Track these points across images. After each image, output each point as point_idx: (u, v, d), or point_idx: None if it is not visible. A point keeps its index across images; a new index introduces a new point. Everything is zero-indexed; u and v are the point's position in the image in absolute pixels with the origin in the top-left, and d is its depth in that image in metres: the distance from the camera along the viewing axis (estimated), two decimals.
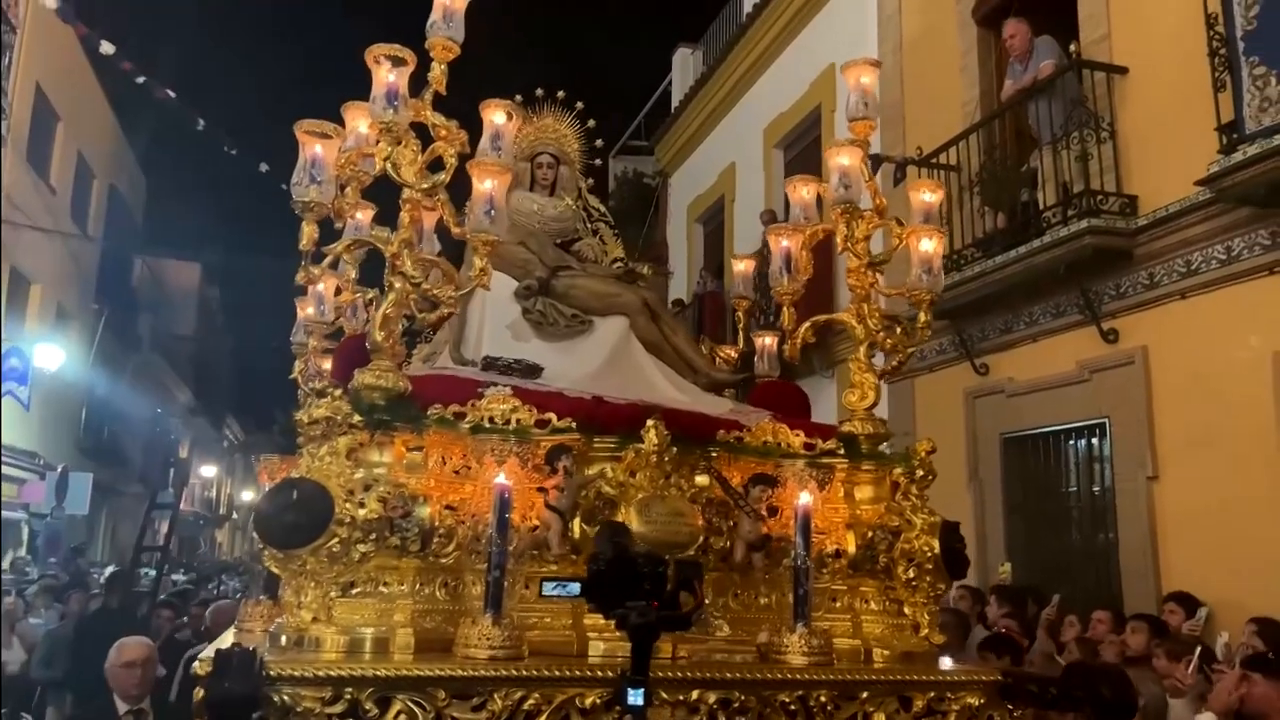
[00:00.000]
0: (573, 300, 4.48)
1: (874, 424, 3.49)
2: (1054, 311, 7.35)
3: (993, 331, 7.94)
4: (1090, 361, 7.02)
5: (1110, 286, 6.87)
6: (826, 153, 3.63)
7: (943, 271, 3.61)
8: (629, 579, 2.45)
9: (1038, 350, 7.55)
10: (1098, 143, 6.78)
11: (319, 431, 2.99)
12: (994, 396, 7.93)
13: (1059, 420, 7.39)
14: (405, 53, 3.16)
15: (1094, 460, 7.21)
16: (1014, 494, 7.79)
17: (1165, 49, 6.49)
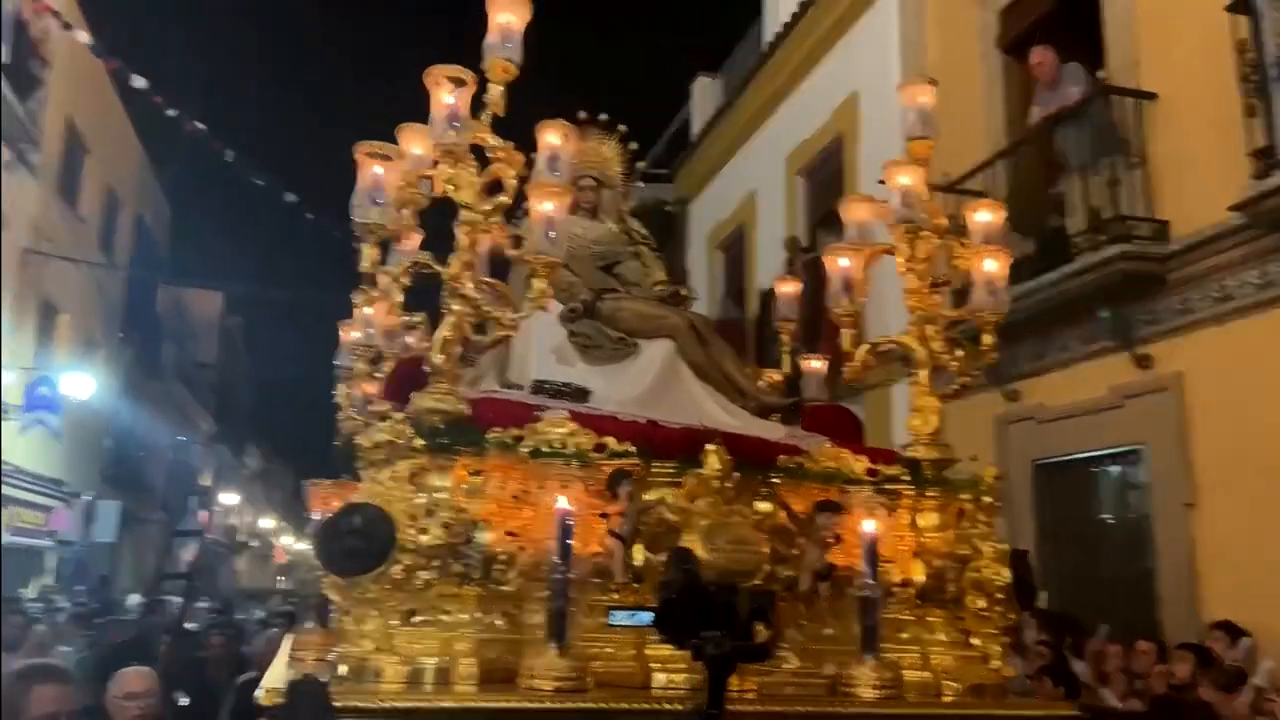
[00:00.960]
0: (619, 323, 4.40)
1: (939, 449, 3.39)
2: (1086, 337, 7.25)
3: (1023, 358, 7.83)
4: (1124, 387, 6.91)
5: (1143, 312, 6.77)
6: (886, 171, 3.55)
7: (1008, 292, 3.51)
8: (702, 609, 2.35)
9: (1070, 376, 7.44)
10: (1127, 168, 6.71)
11: (380, 456, 2.91)
12: (1025, 423, 7.82)
13: (1093, 447, 7.28)
14: (466, 74, 3.11)
15: (1129, 487, 7.08)
16: (1047, 521, 7.65)
17: (1194, 75, 6.43)
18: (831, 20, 11.14)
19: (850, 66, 10.85)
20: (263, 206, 18.04)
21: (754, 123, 13.36)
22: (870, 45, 10.50)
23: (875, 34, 10.41)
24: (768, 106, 12.91)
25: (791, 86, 12.27)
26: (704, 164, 15.16)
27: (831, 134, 11.17)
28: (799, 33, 11.77)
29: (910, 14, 9.78)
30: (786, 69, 12.25)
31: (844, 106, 10.78)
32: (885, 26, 10.18)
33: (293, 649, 3.64)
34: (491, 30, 3.25)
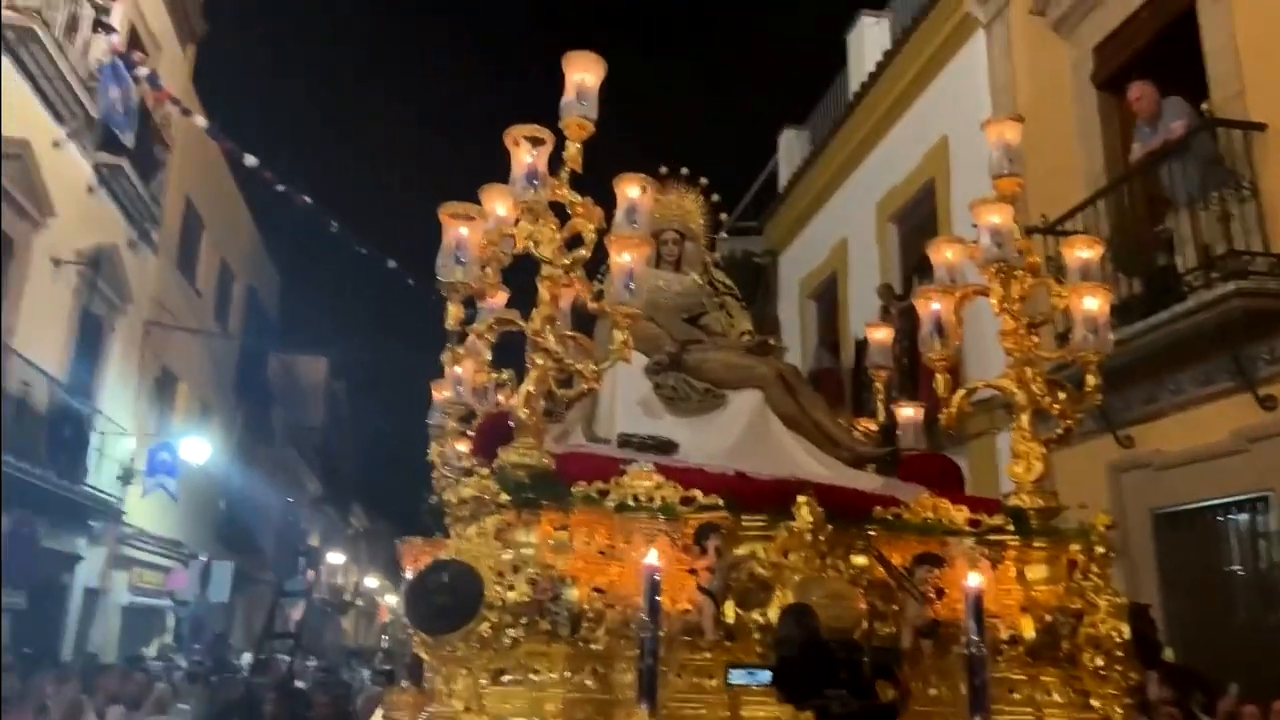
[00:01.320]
0: (705, 374, 4.35)
1: (1044, 497, 3.22)
2: (1203, 378, 6.86)
3: (1135, 401, 7.46)
4: (1247, 430, 6.50)
5: (1264, 350, 6.39)
6: (974, 210, 3.44)
7: (1110, 330, 3.34)
8: (824, 666, 2.24)
9: (1187, 420, 7.04)
10: (1239, 202, 6.40)
11: (467, 512, 2.90)
12: (1142, 470, 7.41)
13: (1216, 494, 6.83)
14: (543, 132, 3.16)
15: (1258, 536, 6.62)
16: (1170, 573, 7.20)
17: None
18: (918, 66, 11.04)
19: (939, 110, 10.71)
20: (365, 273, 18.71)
21: (843, 171, 13.27)
22: (959, 88, 10.35)
23: (964, 77, 10.26)
24: (856, 154, 12.81)
25: (880, 133, 12.17)
26: (792, 215, 15.10)
27: (922, 179, 11.00)
28: (886, 80, 11.70)
29: (999, 55, 9.61)
30: (874, 116, 12.17)
31: (934, 151, 10.61)
32: (974, 69, 10.03)
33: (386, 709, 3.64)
34: (568, 89, 3.30)
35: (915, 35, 10.92)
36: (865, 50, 13.02)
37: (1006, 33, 9.47)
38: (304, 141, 37.25)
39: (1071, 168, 8.25)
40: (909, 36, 11.05)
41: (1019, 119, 3.73)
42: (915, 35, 10.92)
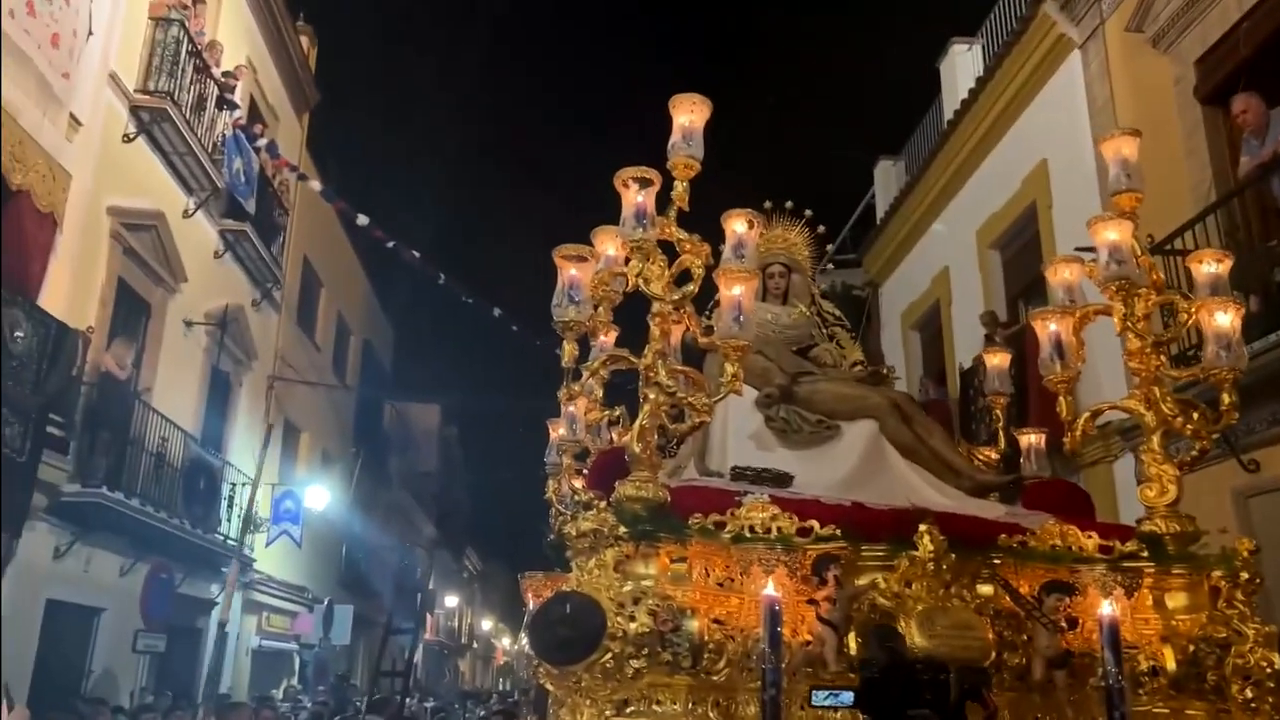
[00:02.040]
0: (816, 405, 4.30)
1: (1180, 521, 3.06)
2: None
3: (1259, 424, 7.05)
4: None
5: None
6: (1090, 228, 3.34)
7: (1244, 346, 3.18)
8: (908, 687, 2.18)
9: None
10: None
11: (586, 545, 2.93)
12: (1270, 495, 6.99)
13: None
14: (651, 173, 3.21)
15: None
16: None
17: None
18: (1013, 90, 10.81)
19: (1037, 133, 10.45)
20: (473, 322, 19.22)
21: (941, 200, 13.05)
22: (1057, 110, 10.10)
23: (1061, 98, 10.01)
24: (954, 182, 12.59)
25: (977, 160, 11.94)
26: (891, 245, 14.90)
27: (1023, 204, 10.72)
28: (980, 106, 11.49)
29: (1097, 74, 9.35)
30: (970, 143, 11.95)
31: (1034, 175, 10.34)
32: (1071, 90, 9.77)
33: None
34: (675, 130, 3.36)
35: (1008, 60, 10.72)
36: (958, 78, 12.85)
37: (1103, 51, 9.21)
38: (412, 198, 38.64)
39: (1179, 186, 7.94)
40: (1001, 62, 10.85)
41: (1135, 133, 3.63)
42: (1008, 60, 10.72)
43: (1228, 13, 7.51)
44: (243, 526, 13.00)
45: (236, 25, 13.83)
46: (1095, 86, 9.36)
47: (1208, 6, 7.69)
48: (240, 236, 13.47)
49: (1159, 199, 8.08)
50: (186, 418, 12.33)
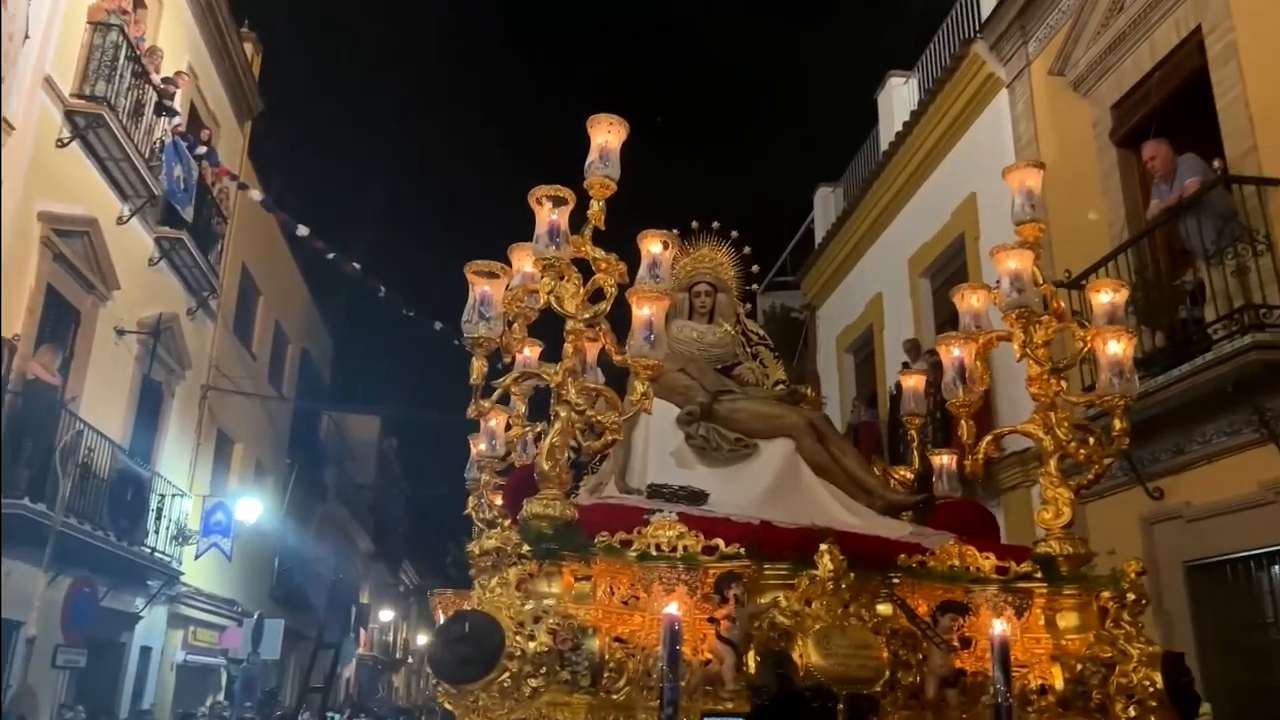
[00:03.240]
0: (736, 424, 4.32)
1: (1073, 543, 3.12)
2: (1227, 430, 6.72)
3: (1164, 453, 7.29)
4: (1273, 482, 6.33)
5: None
6: (994, 257, 3.42)
7: (1135, 374, 3.26)
8: (797, 714, 2.19)
9: (1215, 471, 6.87)
10: (1254, 256, 6.30)
11: (489, 563, 2.90)
12: (1173, 522, 7.21)
13: (1247, 546, 6.62)
14: (565, 192, 3.21)
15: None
16: (1206, 627, 6.95)
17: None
18: (945, 124, 11.06)
19: (967, 167, 10.68)
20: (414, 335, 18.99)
21: (876, 227, 13.27)
22: (985, 146, 10.34)
23: (989, 134, 10.25)
24: (888, 211, 12.81)
25: (910, 190, 12.17)
26: (828, 270, 15.09)
27: (952, 234, 10.95)
28: (914, 138, 11.73)
29: (1022, 113, 9.61)
30: (904, 174, 12.18)
31: (963, 207, 10.57)
32: (999, 127, 10.02)
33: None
34: (592, 150, 3.37)
35: (940, 95, 10.97)
36: (895, 109, 13.10)
37: (1028, 92, 9.48)
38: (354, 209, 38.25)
39: (1095, 223, 8.19)
40: (934, 97, 11.10)
41: (1040, 165, 3.73)
42: (940, 95, 10.97)
43: (1141, 62, 7.79)
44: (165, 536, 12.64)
45: (178, 31, 13.58)
46: (1021, 125, 9.61)
47: (1123, 55, 7.97)
48: (176, 244, 13.18)
49: (1078, 237, 8.34)
50: (115, 428, 11.98)
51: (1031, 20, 9.34)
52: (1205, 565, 6.97)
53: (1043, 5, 9.14)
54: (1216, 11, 7.04)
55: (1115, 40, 8.00)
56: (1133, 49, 7.87)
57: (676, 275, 5.13)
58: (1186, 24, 7.33)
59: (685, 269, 5.17)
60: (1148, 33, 7.71)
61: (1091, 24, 8.28)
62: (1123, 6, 7.94)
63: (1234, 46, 6.86)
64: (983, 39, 10.03)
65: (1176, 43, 7.42)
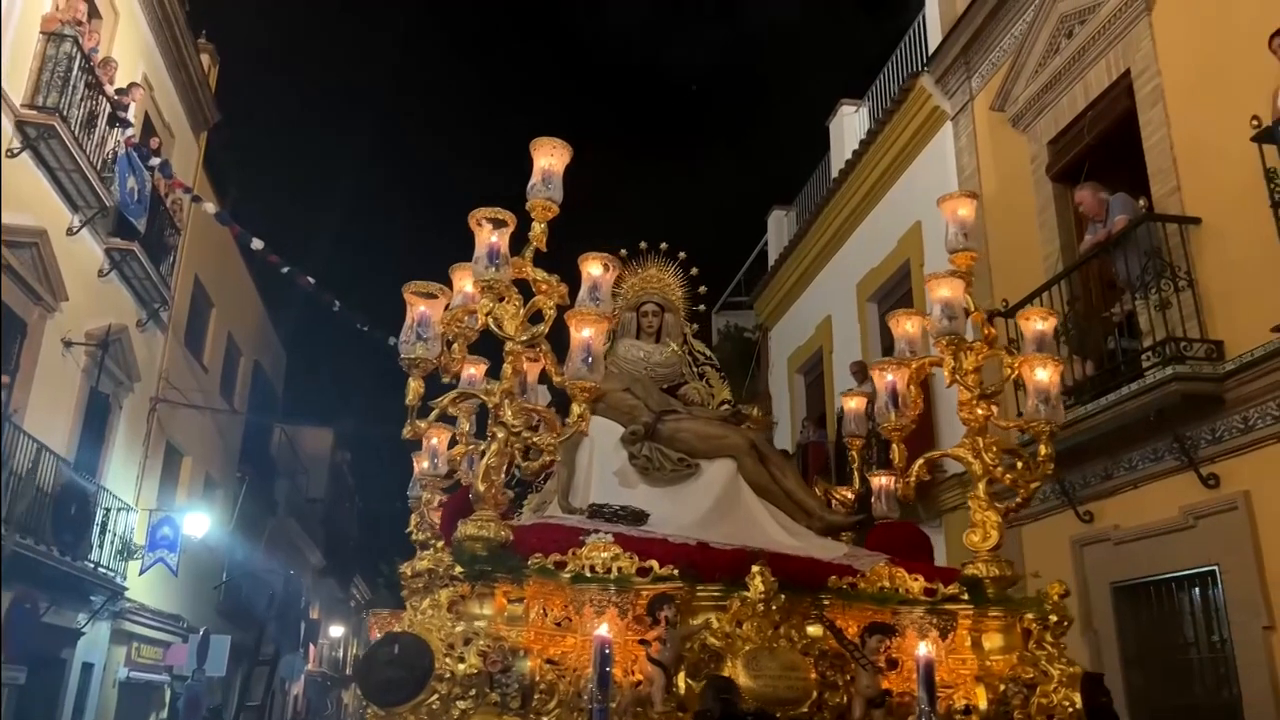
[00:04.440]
0: (678, 444, 4.32)
1: (1000, 566, 3.16)
2: (1152, 457, 6.90)
3: (1093, 478, 7.47)
4: (1193, 507, 6.50)
5: (1206, 431, 6.44)
6: (927, 284, 3.46)
7: (1061, 401, 3.32)
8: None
9: (1140, 496, 7.05)
10: (1175, 291, 6.49)
11: (421, 584, 2.85)
12: (1101, 544, 7.37)
13: (1168, 568, 6.78)
14: (505, 215, 3.19)
15: (1209, 611, 6.54)
16: (1130, 646, 7.09)
17: (1233, 200, 6.29)
18: (893, 154, 11.22)
19: (913, 196, 10.84)
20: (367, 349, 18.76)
21: (826, 252, 13.40)
22: (930, 176, 10.50)
23: (934, 165, 10.42)
24: (838, 237, 12.96)
25: (859, 217, 12.32)
26: (781, 291, 15.20)
27: (899, 261, 11.10)
28: (863, 166, 11.88)
29: (965, 146, 9.79)
30: (853, 200, 12.33)
31: (909, 235, 10.73)
32: (943, 158, 10.20)
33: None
34: (535, 173, 3.36)
35: (889, 125, 11.14)
36: (845, 137, 13.27)
37: (971, 125, 9.67)
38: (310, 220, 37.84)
39: (1033, 255, 8.37)
40: (883, 127, 11.26)
41: (972, 195, 3.79)
42: (889, 125, 11.14)
43: (1075, 101, 8.00)
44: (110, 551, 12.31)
45: (134, 41, 13.35)
46: (964, 157, 9.79)
47: (1059, 94, 8.17)
48: (127, 255, 12.90)
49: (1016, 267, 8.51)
50: (60, 440, 11.66)
51: (975, 56, 9.54)
52: (1131, 586, 7.11)
53: (985, 42, 9.33)
54: (1144, 56, 7.25)
55: (1052, 79, 8.20)
56: (1068, 88, 8.07)
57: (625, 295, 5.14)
58: (1117, 67, 7.54)
59: (633, 289, 5.18)
60: (1081, 74, 7.91)
61: (1030, 63, 8.47)
62: (1058, 48, 8.14)
63: (1160, 90, 7.08)
64: (929, 73, 10.21)
65: (1108, 84, 7.63)
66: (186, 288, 16.08)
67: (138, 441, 14.31)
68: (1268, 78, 5.76)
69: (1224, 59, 6.49)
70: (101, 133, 11.75)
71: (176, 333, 15.66)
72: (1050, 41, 8.23)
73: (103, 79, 11.64)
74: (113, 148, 11.96)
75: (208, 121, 16.59)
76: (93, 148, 11.46)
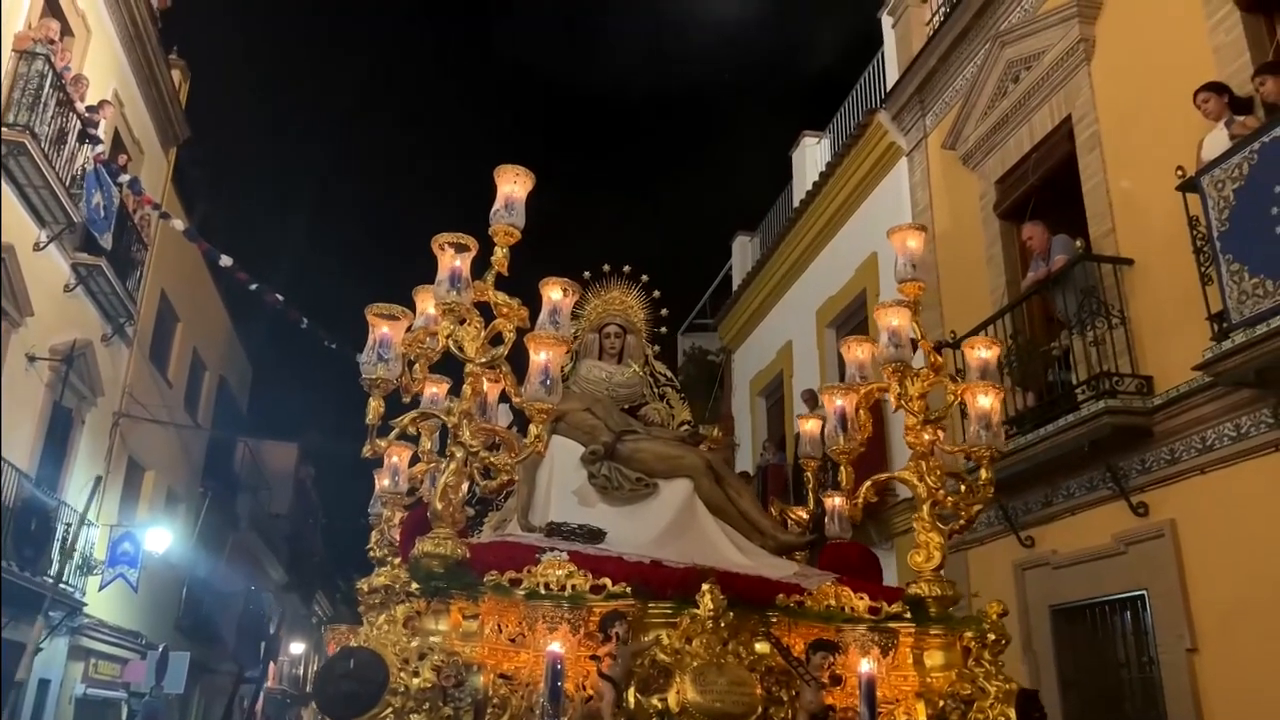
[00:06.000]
0: (637, 464, 4.35)
1: (941, 585, 3.22)
2: (1087, 486, 7.11)
3: (1034, 505, 7.65)
4: (1124, 535, 6.71)
5: (1136, 462, 6.65)
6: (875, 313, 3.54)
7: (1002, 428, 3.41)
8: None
9: (1077, 523, 7.24)
10: (1109, 328, 6.70)
11: (378, 600, 2.86)
12: (1041, 568, 7.55)
13: (1102, 592, 6.98)
14: (468, 239, 3.23)
15: (1139, 633, 6.72)
16: (1066, 667, 7.25)
17: (1162, 243, 6.53)
18: (850, 187, 11.41)
19: (869, 228, 11.01)
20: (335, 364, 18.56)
21: (787, 279, 13.56)
22: (886, 208, 10.67)
23: (890, 198, 10.60)
24: (799, 264, 13.12)
25: (819, 246, 12.49)
26: (744, 315, 15.33)
27: (856, 290, 11.26)
28: (823, 197, 12.06)
29: (919, 181, 10.00)
30: (814, 230, 12.50)
31: (865, 265, 10.91)
32: (898, 191, 10.39)
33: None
34: (498, 198, 3.40)
35: (847, 158, 11.33)
36: (807, 167, 13.47)
37: (925, 162, 9.88)
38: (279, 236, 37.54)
39: (982, 287, 8.55)
40: (842, 160, 11.45)
41: (920, 228, 3.89)
42: (847, 158, 11.33)
43: (1021, 143, 8.23)
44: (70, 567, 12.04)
45: (105, 58, 13.24)
46: (918, 192, 9.99)
47: (1006, 136, 8.40)
48: (94, 271, 12.72)
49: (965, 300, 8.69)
50: (21, 455, 11.42)
51: (929, 96, 9.75)
52: (1068, 609, 7.27)
53: (939, 83, 9.55)
54: (1084, 103, 7.48)
55: (1000, 121, 8.41)
56: (1014, 131, 8.29)
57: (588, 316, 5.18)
58: (1060, 112, 7.77)
59: (596, 310, 5.22)
60: (1027, 117, 8.14)
61: (980, 104, 8.69)
62: (1006, 91, 8.36)
63: (1098, 136, 7.31)
64: (886, 109, 10.42)
65: (1051, 128, 7.86)
66: (153, 303, 15.87)
67: (99, 456, 14.05)
68: (1194, 130, 5.99)
69: (1156, 110, 6.74)
70: (71, 149, 11.61)
71: (141, 347, 15.43)
72: (998, 85, 8.46)
73: (74, 96, 11.52)
74: (82, 164, 11.83)
75: (177, 137, 16.46)
76: (62, 164, 11.32)
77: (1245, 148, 5.31)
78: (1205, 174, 5.55)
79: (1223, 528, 5.93)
